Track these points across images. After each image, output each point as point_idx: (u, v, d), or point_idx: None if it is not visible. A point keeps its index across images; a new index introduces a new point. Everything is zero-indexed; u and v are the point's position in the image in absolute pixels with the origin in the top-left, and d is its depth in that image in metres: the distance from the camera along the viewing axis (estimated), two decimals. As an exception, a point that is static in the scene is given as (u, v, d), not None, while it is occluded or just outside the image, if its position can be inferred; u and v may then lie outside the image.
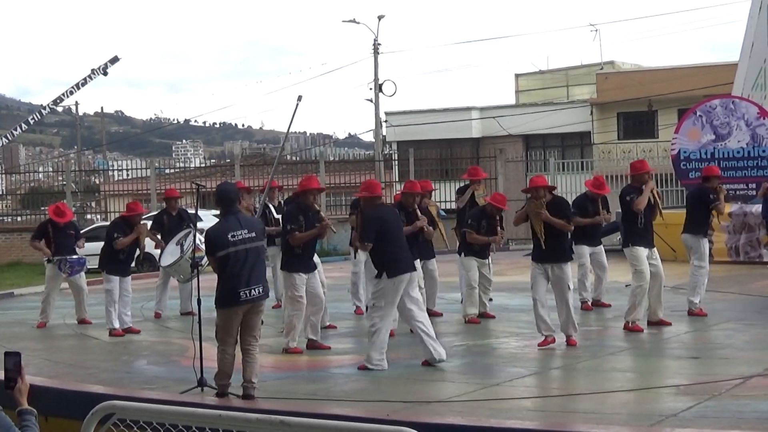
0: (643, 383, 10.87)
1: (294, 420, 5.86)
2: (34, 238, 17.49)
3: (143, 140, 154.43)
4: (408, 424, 6.15)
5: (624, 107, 50.96)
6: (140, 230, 15.78)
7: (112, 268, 15.92)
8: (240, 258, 10.34)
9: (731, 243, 23.62)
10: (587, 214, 16.70)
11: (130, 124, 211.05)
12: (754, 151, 24.74)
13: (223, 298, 10.40)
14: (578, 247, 16.73)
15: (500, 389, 10.77)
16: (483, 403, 10.00)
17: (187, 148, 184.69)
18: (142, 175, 46.90)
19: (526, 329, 15.00)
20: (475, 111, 54.38)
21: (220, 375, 10.55)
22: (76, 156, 75.51)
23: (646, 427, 8.71)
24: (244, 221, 10.55)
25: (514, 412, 9.61)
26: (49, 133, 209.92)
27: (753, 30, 29.24)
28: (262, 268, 10.61)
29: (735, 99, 26.41)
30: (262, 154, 77.72)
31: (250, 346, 10.54)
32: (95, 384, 11.70)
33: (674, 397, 9.97)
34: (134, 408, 6.55)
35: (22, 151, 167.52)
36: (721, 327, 14.72)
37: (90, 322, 17.12)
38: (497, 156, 41.80)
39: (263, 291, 10.50)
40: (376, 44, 53.95)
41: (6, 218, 50.50)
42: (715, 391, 10.07)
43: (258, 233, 10.57)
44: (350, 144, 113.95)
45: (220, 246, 10.36)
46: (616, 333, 14.48)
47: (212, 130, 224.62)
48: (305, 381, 11.60)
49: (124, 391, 10.96)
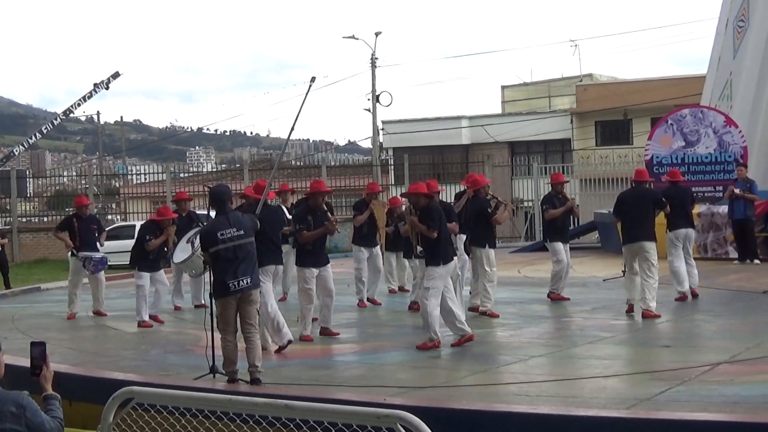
0: (620, 369, 10.87)
1: (298, 404, 5.85)
2: (58, 229, 17.86)
3: (160, 147, 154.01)
4: (404, 408, 6.14)
5: (601, 116, 50.98)
6: (169, 232, 15.93)
7: (143, 265, 16.03)
8: (229, 254, 10.47)
9: (700, 241, 23.59)
10: (556, 208, 16.72)
11: (148, 132, 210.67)
12: (721, 156, 24.72)
13: (216, 289, 10.57)
14: (553, 243, 16.72)
15: (489, 375, 10.77)
16: (473, 389, 10.00)
17: (200, 154, 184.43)
18: (158, 179, 46.91)
19: (512, 320, 15.00)
20: (464, 120, 54.36)
21: (226, 363, 10.64)
22: (98, 161, 75.38)
23: (623, 409, 8.70)
24: (234, 220, 10.62)
25: (501, 396, 9.62)
26: (73, 141, 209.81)
27: (720, 45, 29.21)
28: (250, 261, 10.65)
29: (703, 108, 26.32)
30: (269, 159, 77.60)
31: (249, 334, 10.61)
32: (116, 371, 11.66)
33: (648, 383, 9.96)
34: (151, 393, 6.54)
35: (48, 157, 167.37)
36: (690, 318, 14.73)
37: (105, 314, 17.14)
38: (485, 161, 41.86)
39: (251, 282, 10.57)
40: (373, 58, 53.98)
41: (33, 219, 50.44)
42: (685, 377, 10.07)
43: (247, 231, 10.64)
44: (350, 150, 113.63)
45: (211, 243, 10.54)
46: (596, 323, 14.48)
47: (223, 137, 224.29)
48: (309, 368, 11.58)
49: (142, 378, 10.96)
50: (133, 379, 10.58)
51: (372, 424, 5.27)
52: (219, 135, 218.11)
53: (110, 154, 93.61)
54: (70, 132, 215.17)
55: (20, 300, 20.68)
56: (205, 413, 7.39)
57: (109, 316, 17.07)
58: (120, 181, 59.04)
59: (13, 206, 42.78)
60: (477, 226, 15.27)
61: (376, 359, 12.10)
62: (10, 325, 16.33)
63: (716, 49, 29.73)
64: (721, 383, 9.77)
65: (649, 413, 8.51)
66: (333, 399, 8.97)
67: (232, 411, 6.07)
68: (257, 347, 10.63)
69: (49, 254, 39.30)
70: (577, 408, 8.80)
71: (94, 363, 12.49)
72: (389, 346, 13.09)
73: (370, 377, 10.85)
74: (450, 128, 52.92)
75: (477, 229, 15.28)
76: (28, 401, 5.56)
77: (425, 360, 11.92)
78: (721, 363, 10.86)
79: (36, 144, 52.25)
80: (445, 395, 9.70)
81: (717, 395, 9.22)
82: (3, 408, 5.44)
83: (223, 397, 6.36)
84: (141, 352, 13.42)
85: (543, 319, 15.33)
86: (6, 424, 5.45)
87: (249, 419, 6.46)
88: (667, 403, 8.92)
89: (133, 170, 64.77)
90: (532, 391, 9.81)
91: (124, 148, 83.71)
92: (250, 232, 10.72)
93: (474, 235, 15.35)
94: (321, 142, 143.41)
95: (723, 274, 20.28)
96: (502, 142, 51.23)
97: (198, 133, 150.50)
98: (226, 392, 9.52)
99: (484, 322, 14.72)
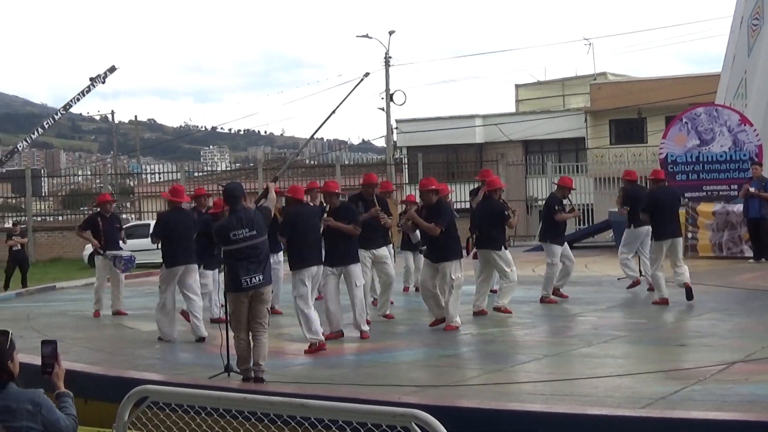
0: (634, 369, 10.83)
1: (313, 403, 5.86)
2: (82, 229, 17.77)
3: (174, 146, 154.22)
4: (419, 407, 6.14)
5: (615, 115, 50.83)
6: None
7: (210, 263, 15.33)
8: (241, 253, 10.52)
9: (715, 240, 23.58)
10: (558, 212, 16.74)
11: (162, 131, 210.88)
12: (736, 155, 24.67)
13: (228, 285, 10.64)
14: (552, 245, 16.64)
15: (503, 374, 10.76)
16: (487, 387, 9.98)
17: (214, 153, 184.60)
18: (172, 178, 46.99)
19: (526, 319, 14.98)
20: (478, 118, 54.27)
21: (239, 361, 10.69)
22: (113, 160, 75.66)
23: (637, 409, 8.68)
24: (246, 220, 10.62)
25: (516, 395, 9.61)
26: (88, 140, 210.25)
27: (734, 44, 29.15)
28: (262, 259, 10.68)
29: (718, 107, 26.26)
30: (283, 158, 77.70)
31: (257, 333, 10.65)
32: (131, 370, 11.70)
33: (663, 382, 9.93)
34: (166, 392, 6.56)
35: (63, 156, 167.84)
36: (705, 317, 14.68)
37: (125, 313, 17.15)
38: (499, 160, 41.83)
39: (263, 279, 10.60)
40: (387, 57, 53.97)
41: (48, 218, 50.62)
42: (700, 376, 10.04)
43: (259, 230, 10.66)
44: (364, 149, 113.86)
45: (223, 242, 10.64)
46: (610, 322, 14.46)
47: (237, 136, 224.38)
48: (323, 367, 11.59)
49: (157, 376, 11.00)
50: (148, 378, 10.61)
51: (387, 423, 5.27)
52: (233, 134, 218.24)
53: (124, 154, 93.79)
54: (84, 131, 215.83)
55: (35, 299, 20.75)
56: (220, 412, 7.42)
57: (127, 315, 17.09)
58: (134, 181, 59.13)
59: (28, 205, 42.96)
60: (491, 228, 15.04)
61: (390, 358, 12.10)
62: (26, 324, 16.37)
63: (730, 48, 29.67)
64: (736, 382, 9.74)
65: (663, 413, 8.49)
66: (348, 398, 8.97)
67: (247, 410, 6.08)
68: (264, 346, 10.66)
69: (64, 253, 39.45)
70: (591, 407, 8.79)
71: (109, 362, 12.52)
72: (403, 345, 13.10)
73: (384, 376, 10.85)
74: (464, 127, 52.85)
75: (491, 230, 15.04)
76: (44, 399, 5.61)
77: (439, 359, 11.93)
78: (736, 362, 10.83)
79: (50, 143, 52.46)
80: (459, 394, 9.70)
81: (732, 394, 9.19)
82: (19, 406, 5.49)
83: (238, 396, 6.38)
84: (156, 351, 13.45)
85: (557, 318, 15.31)
86: (23, 422, 5.49)
87: (264, 418, 6.47)
88: (682, 403, 8.90)
89: (147, 169, 64.79)
90: (546, 390, 9.80)
91: (138, 148, 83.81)
92: (262, 231, 10.73)
93: (487, 237, 15.06)
94: (335, 141, 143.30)
95: (738, 272, 20.23)
96: (516, 141, 51.17)
97: (212, 132, 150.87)
98: (241, 391, 9.54)
99: (499, 321, 14.71)
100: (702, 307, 15.47)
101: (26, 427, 5.50)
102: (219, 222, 11.08)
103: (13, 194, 52.41)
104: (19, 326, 16.03)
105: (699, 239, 23.91)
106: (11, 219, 40.14)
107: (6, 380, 5.61)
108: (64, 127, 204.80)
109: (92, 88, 52.44)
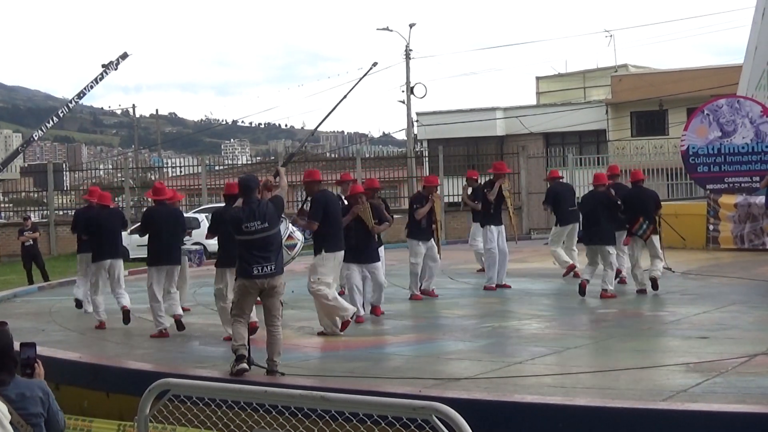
0: (656, 361, 10.82)
1: (334, 395, 5.87)
2: None
3: (195, 140, 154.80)
4: (439, 399, 6.15)
5: (637, 107, 50.66)
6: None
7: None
8: (253, 244, 10.54)
9: (737, 232, 23.50)
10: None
11: (183, 125, 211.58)
12: (758, 146, 24.57)
13: (238, 271, 10.70)
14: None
15: (523, 367, 10.74)
16: (508, 380, 9.98)
17: (234, 147, 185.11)
18: (193, 172, 47.09)
19: (546, 312, 14.97)
20: (499, 111, 54.17)
21: (235, 337, 10.65)
22: (134, 154, 75.84)
23: (659, 401, 8.66)
24: (259, 212, 10.61)
25: (536, 388, 9.59)
26: (109, 134, 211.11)
27: (756, 35, 28.97)
28: (274, 250, 10.70)
29: (740, 98, 26.12)
30: (303, 151, 77.72)
31: (272, 327, 10.66)
32: (152, 363, 11.74)
33: (684, 374, 9.91)
34: (187, 385, 6.59)
35: (84, 150, 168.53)
36: (727, 309, 14.63)
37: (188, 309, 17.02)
38: (520, 153, 41.75)
39: (275, 269, 10.60)
40: (407, 50, 53.90)
41: (70, 212, 50.77)
42: (722, 369, 10.01)
43: (272, 222, 10.66)
44: (384, 142, 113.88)
45: (236, 232, 10.67)
46: (632, 315, 14.42)
47: (258, 130, 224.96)
48: (344, 360, 11.60)
49: (178, 370, 11.01)
50: (169, 371, 10.61)
51: (408, 415, 5.28)
52: (254, 127, 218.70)
53: (146, 147, 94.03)
54: (105, 125, 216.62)
55: (57, 292, 20.81)
56: (241, 404, 7.43)
57: (143, 308, 17.06)
58: (155, 174, 59.17)
59: (49, 199, 43.13)
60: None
61: (411, 351, 12.10)
62: (48, 318, 16.45)
63: (753, 39, 29.48)
64: (759, 375, 9.71)
65: (685, 405, 8.46)
66: (369, 391, 8.96)
67: (268, 403, 6.10)
68: (278, 341, 10.66)
69: (86, 247, 39.50)
70: (612, 400, 8.76)
71: (130, 355, 12.56)
72: (425, 338, 13.10)
73: (405, 369, 10.85)
74: (485, 120, 52.73)
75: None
76: (49, 389, 5.77)
77: (460, 352, 11.92)
78: (759, 354, 10.79)
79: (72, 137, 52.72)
80: (480, 387, 9.69)
81: (754, 387, 9.16)
82: (33, 393, 5.66)
83: (258, 389, 6.39)
84: (177, 344, 13.46)
85: (578, 311, 15.29)
86: (38, 408, 5.64)
87: (285, 411, 6.49)
88: (704, 395, 8.87)
89: (168, 163, 64.99)
90: (567, 382, 9.78)
91: (159, 141, 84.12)
92: (275, 223, 10.75)
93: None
94: (355, 134, 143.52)
95: (760, 264, 20.14)
96: (537, 134, 51.03)
97: (233, 125, 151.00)
98: (262, 384, 9.55)
99: (517, 314, 14.70)
100: (724, 299, 15.42)
101: (39, 413, 5.65)
102: (232, 212, 11.06)
103: (35, 188, 52.64)
104: (42, 320, 16.12)
105: (721, 231, 23.84)
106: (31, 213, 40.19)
107: (15, 369, 5.72)
108: (86, 122, 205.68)
109: (105, 75, 52.42)
